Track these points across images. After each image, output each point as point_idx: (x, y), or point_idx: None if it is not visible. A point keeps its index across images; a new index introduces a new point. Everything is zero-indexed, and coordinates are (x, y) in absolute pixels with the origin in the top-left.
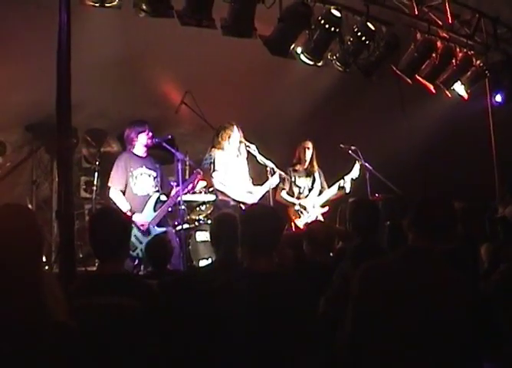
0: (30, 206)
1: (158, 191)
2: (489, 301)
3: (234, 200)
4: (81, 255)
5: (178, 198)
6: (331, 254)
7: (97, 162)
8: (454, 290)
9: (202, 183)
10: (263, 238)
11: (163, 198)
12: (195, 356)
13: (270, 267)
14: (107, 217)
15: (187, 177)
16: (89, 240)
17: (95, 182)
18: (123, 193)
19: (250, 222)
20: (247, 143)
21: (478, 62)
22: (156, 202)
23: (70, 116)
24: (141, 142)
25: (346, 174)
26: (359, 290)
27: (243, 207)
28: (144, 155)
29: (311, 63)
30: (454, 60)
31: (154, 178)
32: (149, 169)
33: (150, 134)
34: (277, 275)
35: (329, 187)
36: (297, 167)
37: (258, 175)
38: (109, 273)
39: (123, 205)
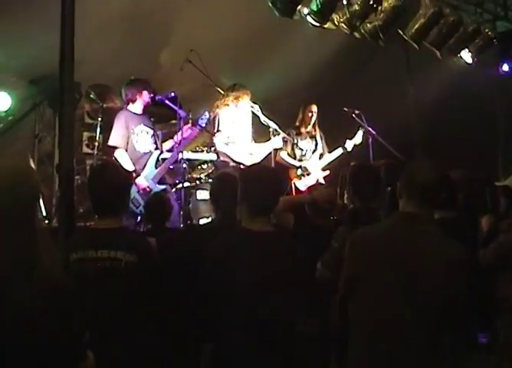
0: (31, 160)
1: (157, 148)
2: (484, 270)
3: (234, 161)
4: (81, 210)
5: (180, 156)
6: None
7: (100, 118)
8: (443, 257)
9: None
10: (261, 198)
11: (165, 155)
12: (190, 314)
13: (266, 227)
14: (106, 172)
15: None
16: (88, 195)
17: (97, 138)
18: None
19: (249, 182)
20: (251, 103)
21: (486, 30)
22: (157, 160)
23: (73, 71)
24: (143, 100)
25: (350, 138)
26: (349, 256)
27: (243, 168)
28: (141, 112)
29: (317, 24)
30: (461, 28)
31: (152, 135)
32: (147, 126)
33: (151, 92)
34: (273, 235)
35: (331, 151)
36: (300, 130)
37: (261, 136)
38: (106, 228)
39: (129, 165)
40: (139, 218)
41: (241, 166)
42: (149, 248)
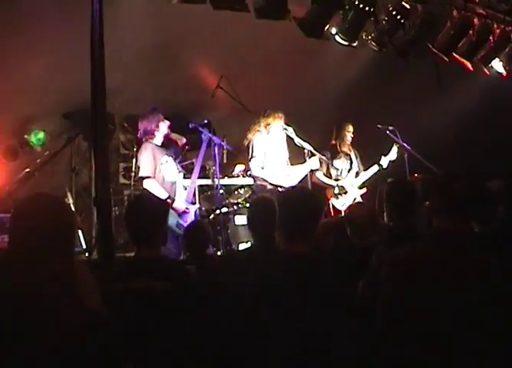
0: (69, 194)
1: (180, 172)
2: None
3: (271, 184)
4: (121, 241)
5: (216, 182)
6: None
7: (135, 148)
8: (479, 275)
9: (240, 167)
10: (300, 221)
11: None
12: (230, 341)
13: (306, 250)
14: (142, 203)
15: (225, 161)
16: (125, 226)
17: (133, 168)
18: None
19: (287, 205)
20: (285, 126)
21: None
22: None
23: (105, 103)
24: (162, 132)
25: (384, 155)
26: (387, 279)
27: (280, 191)
28: (160, 144)
29: (346, 43)
30: (491, 37)
31: (174, 163)
32: (169, 155)
33: (168, 123)
34: (313, 259)
35: (366, 169)
36: (336, 149)
37: (296, 158)
38: (145, 257)
39: (161, 193)
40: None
41: (279, 189)
42: (186, 276)
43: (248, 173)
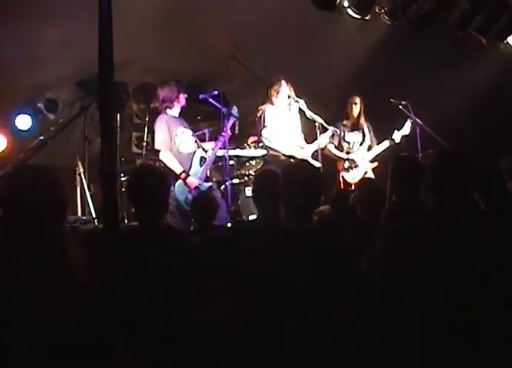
0: (80, 163)
1: (199, 147)
2: None
3: (284, 155)
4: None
5: (225, 153)
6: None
7: (147, 118)
8: (482, 253)
9: (253, 138)
10: (301, 197)
11: (207, 153)
12: (233, 312)
13: (309, 224)
14: (144, 175)
15: (236, 132)
16: (128, 197)
17: (145, 138)
18: None
19: (289, 182)
20: (296, 98)
21: None
22: (201, 158)
23: (112, 72)
24: (181, 103)
25: (398, 130)
26: (384, 256)
27: (293, 162)
28: (177, 115)
29: (358, 17)
30: (507, 12)
31: (192, 135)
32: (186, 127)
33: (186, 94)
34: (313, 231)
35: (379, 143)
36: (346, 122)
37: (307, 130)
38: (148, 228)
39: (176, 166)
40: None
41: (292, 160)
42: (191, 247)
43: (260, 144)
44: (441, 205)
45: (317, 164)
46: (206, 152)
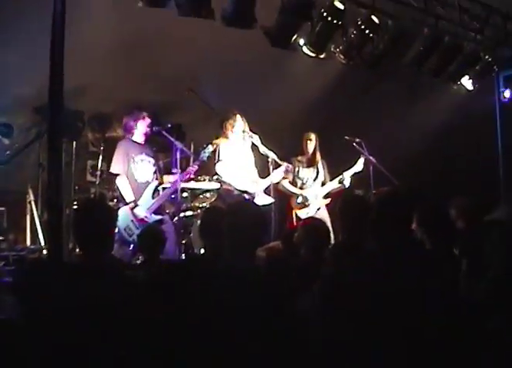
0: (30, 191)
1: (157, 178)
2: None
3: (237, 189)
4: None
5: (178, 187)
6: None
7: (102, 147)
8: (421, 293)
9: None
10: (243, 235)
11: (165, 185)
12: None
13: (250, 263)
14: (91, 211)
15: (189, 164)
16: (72, 231)
17: (99, 167)
18: None
19: (232, 220)
20: (250, 133)
21: (486, 57)
22: (154, 190)
23: (62, 102)
24: (140, 130)
25: (350, 168)
26: (324, 297)
27: (246, 196)
28: (143, 142)
29: (313, 55)
30: (461, 54)
31: (153, 165)
32: (148, 155)
33: (149, 121)
34: (254, 273)
35: (332, 180)
36: (300, 158)
37: (260, 166)
38: (91, 264)
39: (128, 195)
40: (131, 246)
41: (245, 195)
42: (130, 284)
43: (215, 177)
44: (380, 245)
45: (270, 199)
46: (161, 184)
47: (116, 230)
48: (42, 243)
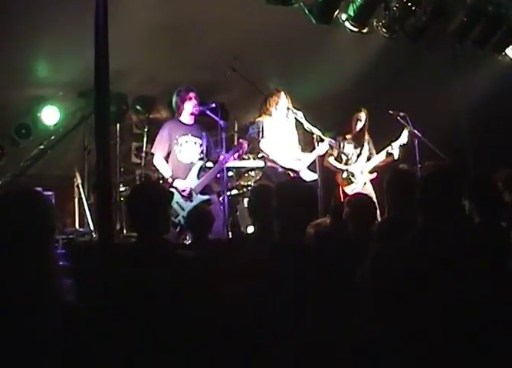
0: (77, 174)
1: (202, 159)
2: None
3: (282, 167)
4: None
5: (223, 166)
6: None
7: (146, 129)
8: (469, 270)
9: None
10: (294, 213)
11: (209, 164)
12: (221, 331)
13: (302, 240)
14: (145, 192)
15: (235, 143)
16: (127, 213)
17: (144, 149)
18: (167, 161)
19: (282, 199)
20: (294, 110)
21: None
22: (200, 170)
23: (108, 84)
24: (187, 110)
25: (395, 140)
26: (372, 280)
27: (291, 174)
28: (191, 122)
29: (356, 30)
30: (504, 24)
31: (200, 145)
32: (195, 136)
33: (196, 102)
34: (309, 249)
35: (377, 153)
36: (347, 135)
37: (305, 143)
38: (146, 245)
39: (166, 171)
40: (178, 227)
41: (290, 172)
42: (185, 264)
43: (259, 155)
44: (429, 223)
45: (314, 175)
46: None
47: None
48: (91, 226)
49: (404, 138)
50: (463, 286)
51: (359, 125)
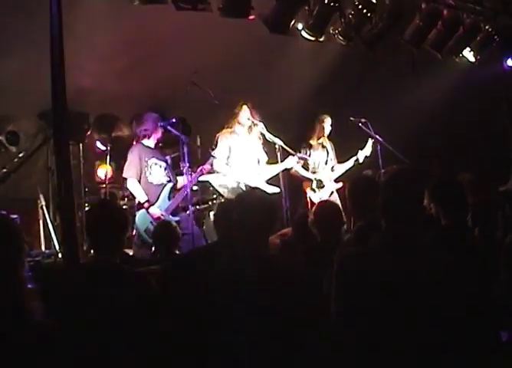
0: (41, 196)
1: (171, 181)
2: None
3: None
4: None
5: (191, 184)
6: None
7: (109, 147)
8: (429, 275)
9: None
10: (255, 223)
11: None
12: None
13: (264, 251)
14: (103, 212)
15: (199, 157)
16: (86, 231)
17: (107, 167)
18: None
19: (242, 208)
20: (256, 121)
21: (487, 27)
22: (170, 192)
23: (65, 105)
24: (158, 135)
25: (361, 149)
26: (341, 282)
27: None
28: (153, 147)
29: (313, 39)
30: (461, 27)
31: (165, 168)
32: (160, 160)
33: (162, 130)
34: (270, 260)
35: (342, 162)
36: (311, 141)
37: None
38: (103, 264)
39: (141, 195)
40: (153, 248)
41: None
42: (144, 280)
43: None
44: (391, 226)
45: (275, 189)
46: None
47: (136, 232)
48: (57, 247)
49: (368, 149)
50: (430, 285)
51: (326, 130)
